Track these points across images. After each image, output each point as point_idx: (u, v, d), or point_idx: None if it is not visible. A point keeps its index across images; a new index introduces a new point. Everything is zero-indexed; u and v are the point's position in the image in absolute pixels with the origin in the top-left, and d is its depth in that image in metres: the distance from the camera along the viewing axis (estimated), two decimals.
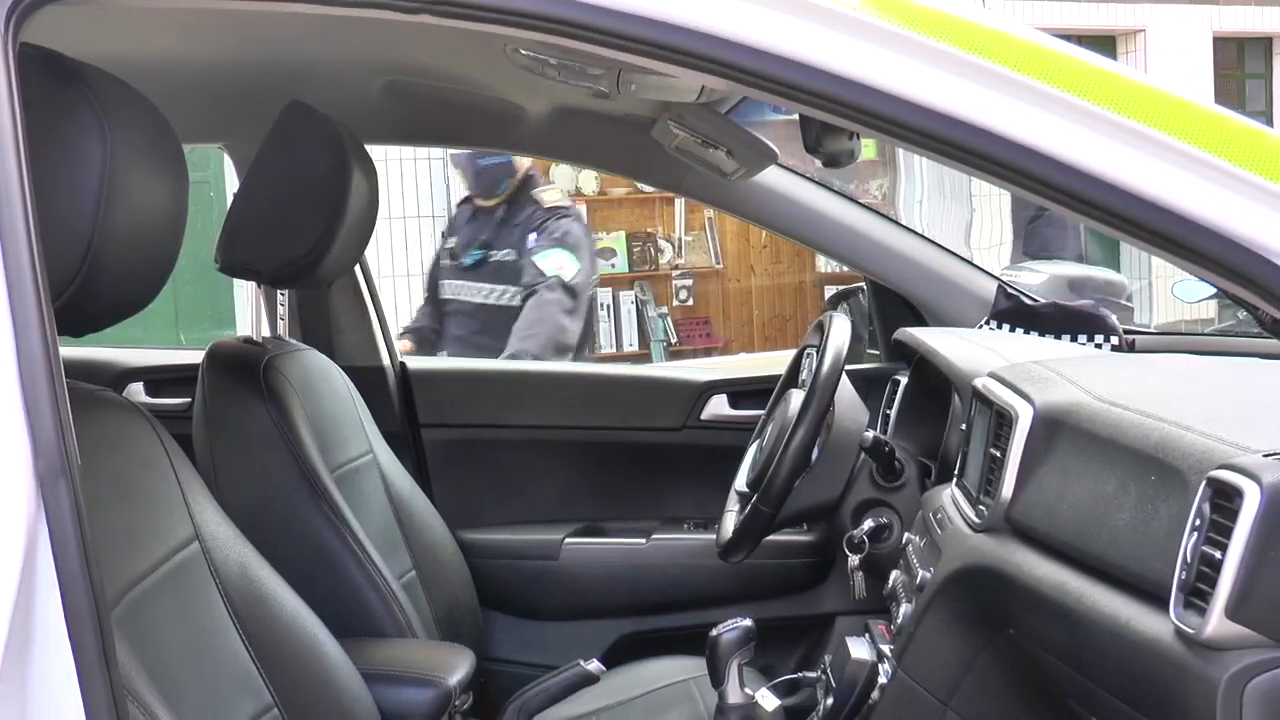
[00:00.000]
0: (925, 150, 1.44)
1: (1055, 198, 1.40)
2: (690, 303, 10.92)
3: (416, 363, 3.57)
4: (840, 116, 1.43)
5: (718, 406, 3.46)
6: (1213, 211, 1.35)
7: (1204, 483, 1.33)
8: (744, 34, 1.39)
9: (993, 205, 11.55)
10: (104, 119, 1.48)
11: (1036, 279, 6.72)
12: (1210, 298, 6.11)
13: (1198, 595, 1.30)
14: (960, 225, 11.35)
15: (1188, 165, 1.36)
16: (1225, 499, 1.29)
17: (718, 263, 10.99)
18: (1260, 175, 1.35)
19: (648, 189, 9.37)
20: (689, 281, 10.85)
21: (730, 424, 3.41)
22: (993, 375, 2.02)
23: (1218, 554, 1.28)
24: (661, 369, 4.16)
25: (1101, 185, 1.37)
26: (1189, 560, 1.32)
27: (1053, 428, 1.75)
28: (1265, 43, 14.86)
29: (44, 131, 1.40)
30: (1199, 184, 1.36)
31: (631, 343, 10.31)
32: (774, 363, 3.71)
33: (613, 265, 10.34)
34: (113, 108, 1.51)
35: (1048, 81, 1.37)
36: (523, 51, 2.27)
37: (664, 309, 10.76)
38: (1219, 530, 1.29)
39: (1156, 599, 1.39)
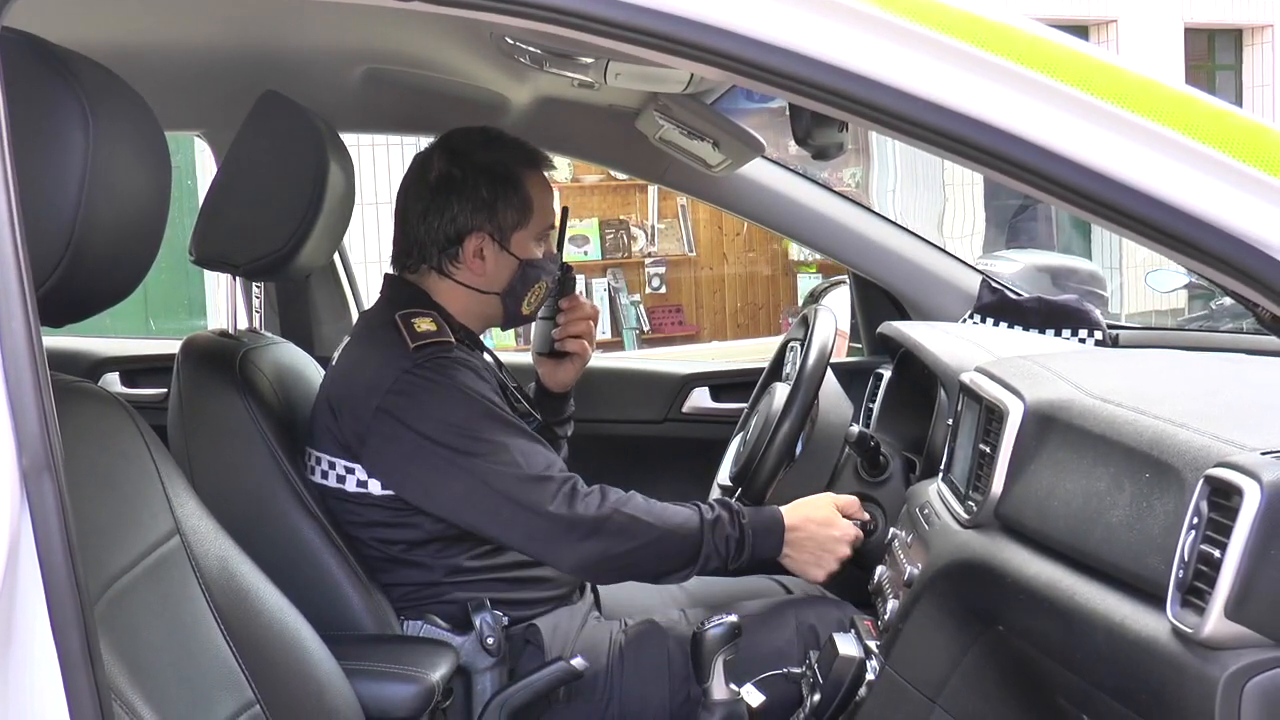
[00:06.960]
0: (926, 145, 1.42)
1: (1058, 193, 1.38)
2: (663, 290, 10.90)
3: None
4: (842, 110, 1.42)
5: (699, 399, 3.45)
6: (1214, 207, 1.34)
7: (1201, 481, 1.32)
8: (738, 23, 1.37)
9: (965, 195, 11.57)
10: (87, 105, 1.45)
11: (1012, 268, 6.72)
12: (1182, 288, 6.13)
13: (1195, 594, 1.30)
14: (933, 214, 11.37)
15: (1190, 160, 1.35)
16: (1224, 497, 1.29)
17: (690, 250, 10.98)
18: (1262, 170, 1.34)
19: (621, 176, 9.34)
20: (662, 269, 10.84)
21: (712, 417, 3.40)
22: (980, 370, 2.00)
23: (1216, 553, 1.27)
24: (642, 361, 4.14)
25: (1103, 180, 1.36)
26: (1186, 559, 1.31)
27: (1044, 424, 1.74)
28: (1235, 34, 14.94)
29: (26, 117, 1.37)
30: (1201, 178, 1.35)
31: (604, 330, 10.26)
32: (746, 351, 3.70)
33: (585, 253, 10.33)
34: (96, 94, 1.47)
35: (1052, 75, 1.36)
36: (509, 40, 2.25)
37: (636, 297, 10.75)
38: (1217, 529, 1.28)
39: (1151, 597, 1.39)
